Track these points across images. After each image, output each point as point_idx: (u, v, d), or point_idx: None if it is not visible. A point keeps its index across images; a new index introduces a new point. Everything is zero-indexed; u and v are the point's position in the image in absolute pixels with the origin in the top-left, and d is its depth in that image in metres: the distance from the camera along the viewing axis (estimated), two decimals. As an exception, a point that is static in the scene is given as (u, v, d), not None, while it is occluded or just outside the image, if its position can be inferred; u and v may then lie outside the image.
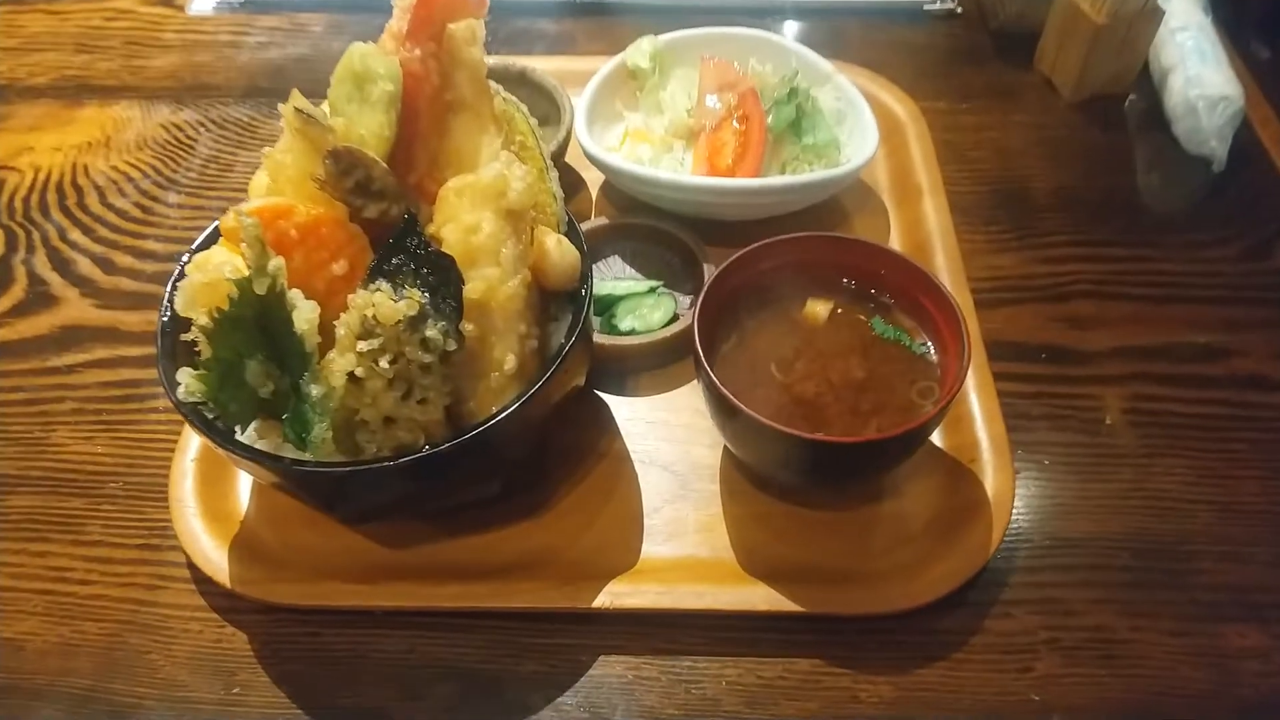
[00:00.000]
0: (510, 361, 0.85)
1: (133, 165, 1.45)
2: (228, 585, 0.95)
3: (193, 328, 0.81)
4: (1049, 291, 1.23)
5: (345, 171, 0.82)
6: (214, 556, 0.97)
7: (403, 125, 0.87)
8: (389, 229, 0.86)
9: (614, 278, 1.22)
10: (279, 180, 0.86)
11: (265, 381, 0.80)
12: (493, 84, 0.98)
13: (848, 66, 1.42)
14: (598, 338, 1.10)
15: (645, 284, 1.19)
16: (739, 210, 1.22)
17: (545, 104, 1.37)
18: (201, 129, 1.51)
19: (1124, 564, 0.98)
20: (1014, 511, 0.98)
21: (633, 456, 1.06)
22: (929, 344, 0.98)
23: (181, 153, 1.47)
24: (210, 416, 0.84)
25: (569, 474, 1.04)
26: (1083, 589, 0.96)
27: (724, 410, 0.90)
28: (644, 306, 1.16)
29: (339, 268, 0.83)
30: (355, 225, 0.84)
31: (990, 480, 1.00)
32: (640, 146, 1.28)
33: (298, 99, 0.84)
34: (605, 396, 1.12)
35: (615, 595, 0.93)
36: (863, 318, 1.01)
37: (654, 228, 1.23)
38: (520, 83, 1.38)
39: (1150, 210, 1.34)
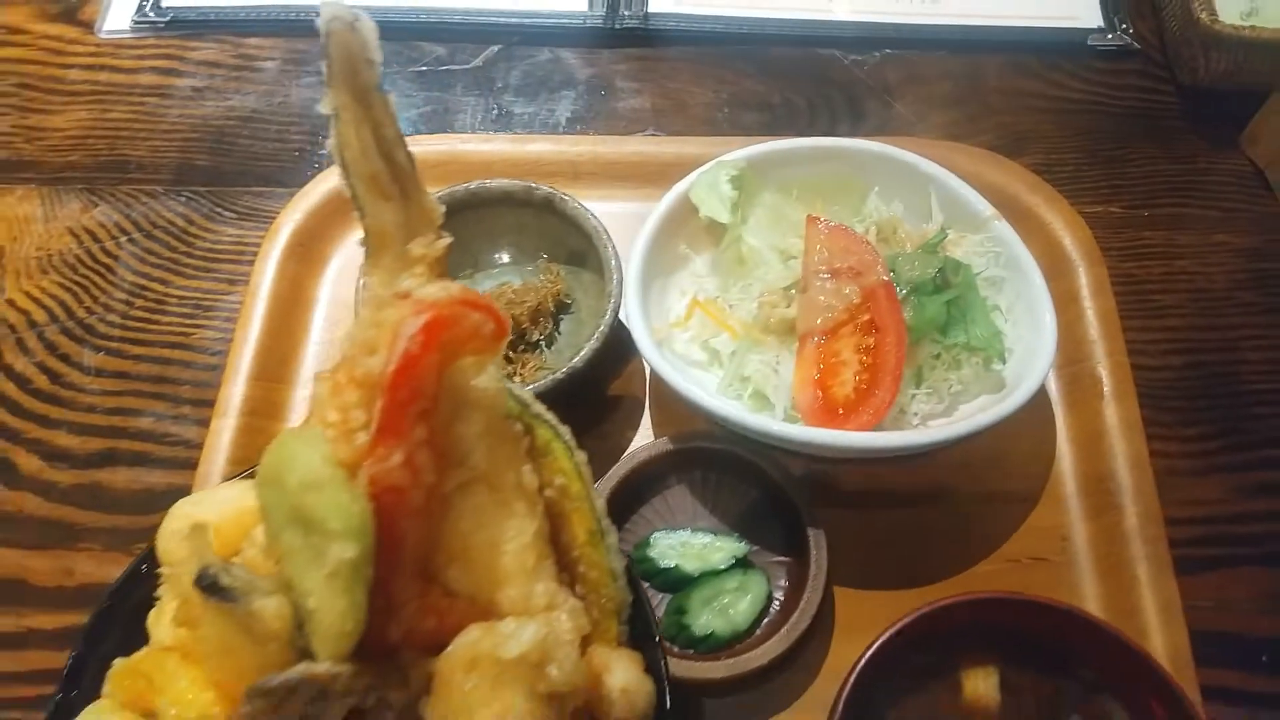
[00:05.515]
0: None
1: (33, 299, 1.09)
2: None
3: None
4: (1271, 543, 0.91)
5: (283, 700, 0.50)
6: None
7: (377, 566, 0.53)
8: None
9: (681, 529, 0.90)
10: (196, 650, 0.54)
11: None
12: (518, 394, 0.63)
13: (974, 151, 1.06)
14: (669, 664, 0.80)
15: (725, 549, 0.87)
16: (858, 459, 0.89)
17: (578, 239, 1.00)
18: (122, 236, 1.14)
19: None
20: None
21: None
22: (1158, 769, 0.68)
23: (97, 277, 1.10)
24: None
25: None
26: None
27: None
28: (726, 592, 0.85)
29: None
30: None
31: None
32: (716, 336, 0.92)
33: (197, 547, 0.50)
34: (674, 731, 0.82)
35: None
36: (1053, 707, 0.70)
37: (739, 458, 0.90)
38: (545, 211, 1.00)
39: None
